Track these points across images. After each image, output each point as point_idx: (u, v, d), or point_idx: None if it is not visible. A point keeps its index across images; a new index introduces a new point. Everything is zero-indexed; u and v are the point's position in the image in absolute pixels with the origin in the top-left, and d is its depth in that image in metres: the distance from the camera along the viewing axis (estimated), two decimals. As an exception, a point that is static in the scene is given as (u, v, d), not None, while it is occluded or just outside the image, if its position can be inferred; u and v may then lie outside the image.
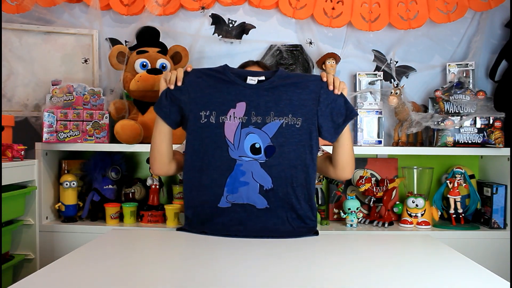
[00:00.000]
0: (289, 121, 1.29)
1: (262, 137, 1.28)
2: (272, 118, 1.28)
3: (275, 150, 1.28)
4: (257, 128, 1.28)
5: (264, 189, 1.29)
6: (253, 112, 1.29)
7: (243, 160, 1.28)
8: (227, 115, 1.29)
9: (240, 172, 1.29)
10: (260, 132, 1.28)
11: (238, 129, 1.29)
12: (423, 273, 1.00)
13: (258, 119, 1.29)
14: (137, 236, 1.34)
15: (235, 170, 1.28)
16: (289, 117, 1.29)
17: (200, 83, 1.31)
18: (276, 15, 2.16)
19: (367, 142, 2.01)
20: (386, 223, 1.88)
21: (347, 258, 1.11)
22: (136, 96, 1.90)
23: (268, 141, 1.28)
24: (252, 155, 1.29)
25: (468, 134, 1.85)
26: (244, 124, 1.29)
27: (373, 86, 2.04)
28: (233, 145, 1.29)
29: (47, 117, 1.78)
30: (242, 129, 1.29)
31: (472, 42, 2.12)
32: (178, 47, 2.00)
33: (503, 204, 1.86)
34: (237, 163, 1.28)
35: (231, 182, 1.29)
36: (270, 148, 1.28)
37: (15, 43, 2.01)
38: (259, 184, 1.29)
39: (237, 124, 1.29)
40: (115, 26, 2.16)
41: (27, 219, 1.76)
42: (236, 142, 1.28)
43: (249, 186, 1.29)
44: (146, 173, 2.06)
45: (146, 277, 0.94)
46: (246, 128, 1.29)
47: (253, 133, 1.28)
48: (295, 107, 1.29)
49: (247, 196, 1.29)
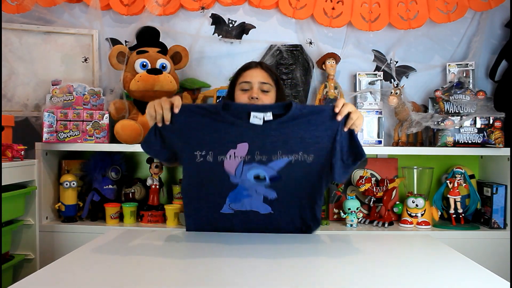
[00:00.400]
0: (299, 157, 1.18)
1: (268, 170, 1.19)
2: (279, 156, 1.18)
3: (280, 178, 1.19)
4: (262, 165, 1.18)
5: (268, 199, 1.22)
6: (257, 152, 1.18)
7: (246, 182, 1.20)
8: (227, 155, 1.19)
9: (243, 189, 1.21)
10: (265, 167, 1.19)
11: (239, 166, 1.19)
12: (423, 273, 1.00)
13: (263, 157, 1.18)
14: (137, 236, 1.34)
15: (237, 188, 1.21)
16: (299, 154, 1.18)
17: (192, 123, 1.19)
18: (276, 15, 2.16)
19: (367, 142, 2.01)
20: (386, 223, 1.88)
21: (346, 258, 1.11)
22: (136, 96, 1.90)
23: (275, 173, 1.19)
24: (255, 181, 1.20)
25: (468, 134, 1.85)
26: (247, 162, 1.19)
27: (373, 86, 2.04)
28: (235, 176, 1.19)
29: (47, 117, 1.78)
30: (245, 165, 1.19)
31: (472, 42, 2.12)
32: (178, 47, 2.00)
33: (503, 204, 1.86)
34: (240, 185, 1.21)
35: (233, 195, 1.22)
36: (275, 178, 1.19)
37: (15, 43, 2.01)
38: (263, 196, 1.22)
39: (238, 162, 1.18)
40: (115, 26, 2.16)
41: (27, 219, 1.76)
42: (238, 174, 1.19)
43: (252, 198, 1.22)
44: (146, 173, 2.06)
45: (146, 277, 0.94)
46: (249, 165, 1.19)
47: (257, 168, 1.19)
48: (307, 145, 1.18)
49: (250, 204, 1.23)
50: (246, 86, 1.38)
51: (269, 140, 1.18)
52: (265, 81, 1.39)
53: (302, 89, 2.07)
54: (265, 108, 1.20)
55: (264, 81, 1.39)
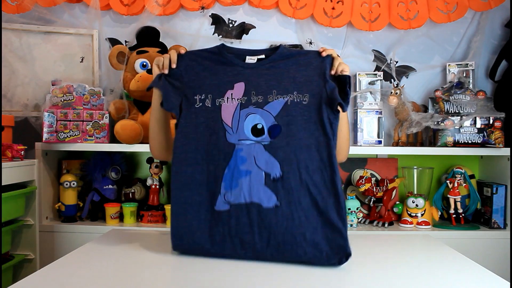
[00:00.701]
0: (295, 98, 1.12)
1: (265, 116, 1.10)
2: (274, 96, 1.12)
3: (281, 129, 1.08)
4: (258, 108, 1.11)
5: (271, 178, 1.04)
6: (253, 92, 1.13)
7: (243, 144, 1.08)
8: (224, 97, 1.13)
9: (240, 158, 1.07)
10: (262, 111, 1.11)
11: (236, 111, 1.12)
12: (423, 273, 1.00)
13: (259, 98, 1.12)
14: (137, 236, 1.34)
15: (233, 157, 1.07)
16: (294, 94, 1.12)
17: (194, 66, 1.19)
18: (276, 15, 2.16)
19: (367, 142, 2.01)
20: (386, 223, 1.88)
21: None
22: (136, 96, 1.90)
23: (272, 121, 1.10)
24: (253, 137, 1.09)
25: (468, 134, 1.85)
26: (244, 104, 1.12)
27: (373, 86, 2.04)
28: (231, 128, 1.10)
29: (47, 117, 1.78)
30: (241, 110, 1.12)
31: (472, 42, 2.12)
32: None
33: (503, 204, 1.86)
34: (236, 148, 1.08)
35: (229, 174, 1.06)
36: (275, 128, 1.09)
37: (15, 43, 2.01)
38: (264, 172, 1.05)
39: (235, 106, 1.12)
40: (115, 26, 2.16)
41: (27, 219, 1.76)
42: (235, 125, 1.10)
43: (252, 176, 1.05)
44: (146, 173, 2.06)
45: (146, 277, 0.94)
46: (245, 109, 1.11)
47: (254, 113, 1.11)
48: (300, 84, 1.14)
49: (249, 190, 1.04)
50: None
51: (263, 79, 1.16)
52: None
53: (302, 89, 2.06)
54: (259, 52, 1.21)
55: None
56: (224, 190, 1.06)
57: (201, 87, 1.16)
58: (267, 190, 1.04)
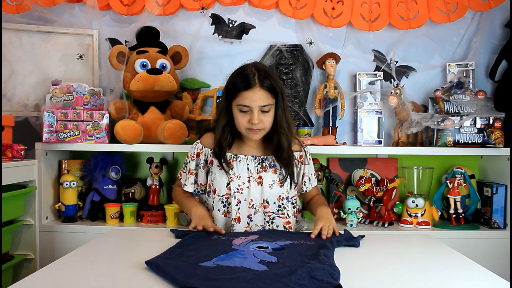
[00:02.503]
0: (301, 241, 1.23)
1: (272, 244, 1.18)
2: (284, 239, 1.24)
3: (283, 248, 1.15)
4: (267, 241, 1.21)
5: (266, 262, 1.02)
6: (266, 238, 1.25)
7: (246, 250, 1.12)
8: (238, 237, 1.25)
9: (239, 252, 1.10)
10: (270, 242, 1.20)
11: (247, 242, 1.20)
12: (423, 273, 1.00)
13: (270, 239, 1.24)
14: (137, 236, 1.34)
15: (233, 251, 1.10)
16: (301, 241, 1.23)
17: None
18: (276, 15, 2.16)
19: (367, 142, 2.01)
20: (386, 223, 1.88)
21: (346, 258, 1.11)
22: (136, 96, 1.90)
23: (278, 246, 1.17)
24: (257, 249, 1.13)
25: (468, 134, 1.85)
26: (254, 241, 1.22)
27: (373, 86, 2.04)
28: (239, 247, 1.16)
29: (47, 117, 1.78)
30: (251, 242, 1.20)
31: (472, 42, 2.12)
32: (178, 47, 2.00)
33: (503, 204, 1.86)
34: (238, 250, 1.11)
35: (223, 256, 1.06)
36: (278, 248, 1.15)
37: (15, 43, 2.00)
38: (260, 259, 1.05)
39: (246, 241, 1.21)
40: (115, 26, 2.16)
41: (27, 219, 1.76)
42: (242, 246, 1.17)
43: (247, 259, 1.04)
44: (146, 173, 2.07)
45: (146, 277, 0.94)
46: (256, 242, 1.20)
47: (263, 243, 1.20)
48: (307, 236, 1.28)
49: (241, 262, 1.01)
50: (245, 109, 1.34)
51: (276, 232, 1.36)
52: (265, 104, 1.34)
53: (302, 89, 2.07)
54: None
55: (264, 104, 1.34)
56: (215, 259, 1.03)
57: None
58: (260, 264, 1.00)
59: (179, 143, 1.84)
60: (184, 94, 2.08)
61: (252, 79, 1.33)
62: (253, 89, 1.33)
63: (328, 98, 2.00)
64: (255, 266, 0.98)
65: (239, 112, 1.36)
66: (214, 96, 2.03)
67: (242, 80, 1.34)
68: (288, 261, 1.02)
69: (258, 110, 1.34)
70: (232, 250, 1.11)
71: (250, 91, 1.33)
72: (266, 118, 1.36)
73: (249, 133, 1.37)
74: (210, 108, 2.14)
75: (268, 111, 1.36)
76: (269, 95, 1.35)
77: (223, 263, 1.00)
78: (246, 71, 1.35)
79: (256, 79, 1.33)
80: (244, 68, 1.38)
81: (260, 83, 1.33)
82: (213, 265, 0.99)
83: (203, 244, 1.19)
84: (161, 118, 1.92)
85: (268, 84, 1.34)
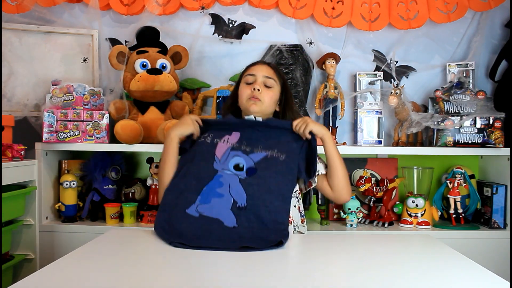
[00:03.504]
0: (274, 154, 1.35)
1: (247, 161, 1.33)
2: (259, 149, 1.36)
3: (256, 171, 1.31)
4: (244, 154, 1.35)
5: (237, 206, 1.24)
6: (245, 142, 1.37)
7: (224, 172, 1.31)
8: (221, 139, 1.39)
9: (218, 183, 1.29)
10: (246, 157, 1.34)
11: (227, 151, 1.36)
12: (423, 273, 1.00)
13: (247, 148, 1.36)
14: (137, 236, 1.34)
15: (214, 180, 1.30)
16: (275, 151, 1.35)
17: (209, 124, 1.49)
18: (276, 15, 2.16)
19: (367, 142, 2.01)
20: (386, 223, 1.88)
21: (347, 258, 1.11)
22: (136, 96, 1.90)
23: (252, 165, 1.33)
24: (234, 171, 1.31)
25: (468, 134, 1.86)
26: (234, 148, 1.36)
27: (373, 86, 2.04)
28: (220, 160, 1.34)
29: (47, 117, 1.78)
30: (231, 151, 1.35)
31: (472, 42, 2.12)
32: (178, 47, 2.00)
33: (503, 204, 1.87)
34: (218, 174, 1.31)
35: (206, 191, 1.27)
36: (252, 169, 1.32)
37: (15, 43, 2.01)
38: (233, 200, 1.25)
39: (227, 147, 1.36)
40: (115, 26, 2.16)
41: (27, 219, 1.76)
42: (223, 159, 1.34)
43: (223, 199, 1.25)
44: (146, 173, 2.06)
45: (146, 277, 0.94)
46: (234, 151, 1.35)
47: (240, 156, 1.34)
48: (281, 145, 1.37)
49: (217, 209, 1.23)
50: (250, 79, 1.46)
51: (255, 135, 1.39)
52: (269, 76, 1.46)
53: (302, 89, 2.07)
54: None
55: (269, 76, 1.46)
56: (198, 202, 1.26)
57: (207, 131, 1.44)
58: (231, 214, 1.23)
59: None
60: (184, 94, 2.09)
61: (260, 61, 1.56)
62: (260, 64, 1.52)
63: (328, 98, 2.00)
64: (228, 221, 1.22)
65: (245, 84, 1.48)
66: (214, 96, 2.03)
67: (252, 63, 1.54)
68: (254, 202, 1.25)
69: (262, 82, 1.45)
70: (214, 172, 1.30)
71: (256, 65, 1.51)
72: (267, 92, 1.46)
73: (249, 103, 1.44)
74: (210, 108, 2.14)
75: (271, 86, 1.47)
76: (274, 73, 1.49)
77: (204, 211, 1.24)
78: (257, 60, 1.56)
79: (264, 61, 1.55)
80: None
81: (267, 63, 1.53)
82: (197, 214, 1.24)
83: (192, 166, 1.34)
84: (161, 118, 1.92)
85: (274, 66, 1.53)
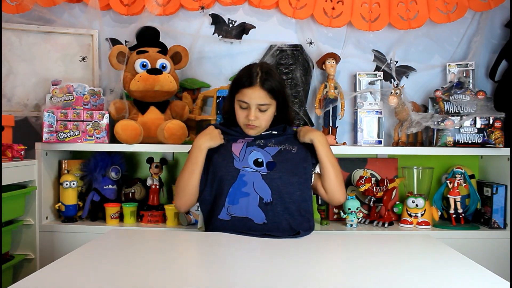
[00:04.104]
0: (286, 147, 1.46)
1: (265, 154, 1.42)
2: (272, 144, 1.46)
3: (275, 165, 1.40)
4: (260, 148, 1.44)
5: (263, 202, 1.35)
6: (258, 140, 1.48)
7: (246, 170, 1.38)
8: (236, 140, 1.48)
9: (242, 182, 1.37)
10: (262, 151, 1.43)
11: (243, 147, 1.44)
12: (423, 273, 1.00)
13: (261, 142, 1.47)
14: (137, 236, 1.34)
15: (238, 180, 1.37)
16: (286, 145, 1.47)
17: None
18: (276, 15, 2.16)
19: (367, 142, 2.01)
20: (386, 223, 1.88)
21: (347, 258, 1.11)
22: (136, 96, 1.90)
23: (270, 158, 1.41)
24: (254, 167, 1.39)
25: (468, 134, 1.85)
26: (249, 144, 1.45)
27: (373, 86, 2.04)
28: (238, 158, 1.41)
29: (47, 117, 1.78)
30: (247, 147, 1.44)
31: (472, 42, 2.12)
32: (178, 47, 2.00)
33: (503, 204, 1.86)
34: (241, 173, 1.38)
35: (233, 192, 1.36)
36: (271, 164, 1.40)
37: (15, 43, 2.01)
38: (259, 196, 1.36)
39: (243, 144, 1.45)
40: (115, 26, 2.16)
41: (27, 219, 1.76)
42: (242, 156, 1.41)
43: (250, 198, 1.35)
44: (146, 173, 2.06)
45: (146, 277, 0.94)
46: (250, 147, 1.44)
47: (257, 151, 1.43)
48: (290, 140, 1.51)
49: (246, 208, 1.35)
50: (244, 105, 1.44)
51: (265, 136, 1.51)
52: (262, 103, 1.43)
53: (302, 89, 2.07)
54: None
55: (262, 103, 1.43)
56: (228, 204, 1.37)
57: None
58: (259, 211, 1.35)
59: (179, 143, 1.84)
60: (184, 94, 2.08)
61: (254, 78, 1.42)
62: (253, 88, 1.41)
63: (328, 98, 2.00)
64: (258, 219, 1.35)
65: (239, 108, 1.46)
66: (214, 96, 2.03)
67: (245, 77, 1.43)
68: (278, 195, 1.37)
69: (256, 108, 1.43)
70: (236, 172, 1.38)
71: (250, 89, 1.42)
72: (263, 117, 1.45)
73: (246, 128, 1.48)
74: (210, 108, 2.14)
75: (265, 110, 1.45)
76: (268, 96, 1.43)
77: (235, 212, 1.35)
78: (251, 70, 1.44)
79: (258, 78, 1.41)
80: (251, 66, 1.47)
81: (261, 83, 1.41)
82: (228, 217, 1.36)
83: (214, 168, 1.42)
84: (161, 118, 1.92)
85: (269, 86, 1.42)
